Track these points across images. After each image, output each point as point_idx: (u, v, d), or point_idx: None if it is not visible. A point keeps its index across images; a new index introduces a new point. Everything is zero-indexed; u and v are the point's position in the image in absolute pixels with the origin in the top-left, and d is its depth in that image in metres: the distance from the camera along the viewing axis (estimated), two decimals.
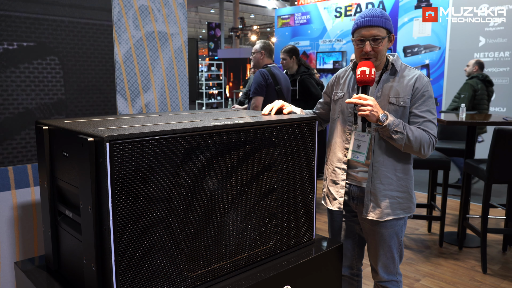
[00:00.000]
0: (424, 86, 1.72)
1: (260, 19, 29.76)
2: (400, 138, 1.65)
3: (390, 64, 1.77)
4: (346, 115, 1.83)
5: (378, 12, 1.70)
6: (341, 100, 1.86)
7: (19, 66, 1.65)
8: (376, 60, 1.73)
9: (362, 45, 1.71)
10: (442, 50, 6.97)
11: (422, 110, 1.72)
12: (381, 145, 1.74)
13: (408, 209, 1.81)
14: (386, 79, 1.76)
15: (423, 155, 1.71)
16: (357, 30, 1.73)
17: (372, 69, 1.65)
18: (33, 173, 1.70)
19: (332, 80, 1.95)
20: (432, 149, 1.72)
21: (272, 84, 3.55)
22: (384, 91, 1.75)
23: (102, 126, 1.14)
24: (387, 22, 1.70)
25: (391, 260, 1.85)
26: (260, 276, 1.32)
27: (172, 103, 2.19)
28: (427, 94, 1.72)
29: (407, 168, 1.80)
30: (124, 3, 1.94)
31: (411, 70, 1.79)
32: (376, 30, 1.68)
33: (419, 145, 1.67)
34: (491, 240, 3.60)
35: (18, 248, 1.69)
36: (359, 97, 1.64)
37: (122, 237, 1.01)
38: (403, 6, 7.47)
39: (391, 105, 1.73)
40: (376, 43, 1.69)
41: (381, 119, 1.62)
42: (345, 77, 1.89)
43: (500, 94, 6.47)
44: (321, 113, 2.02)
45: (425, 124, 1.71)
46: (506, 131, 2.84)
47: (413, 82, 1.73)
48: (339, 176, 1.85)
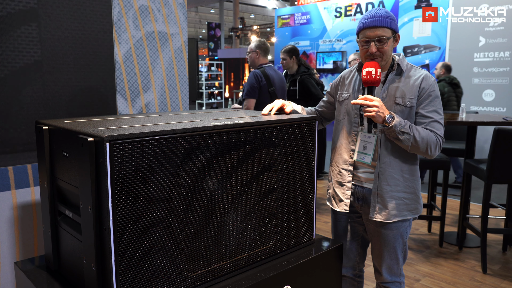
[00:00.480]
0: (431, 86, 1.71)
1: (260, 19, 29.75)
2: (407, 139, 1.64)
3: (396, 64, 1.76)
4: (351, 117, 1.81)
5: (382, 12, 1.68)
6: (346, 101, 1.84)
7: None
8: (382, 61, 1.71)
9: (367, 46, 1.69)
10: (442, 50, 6.97)
11: (429, 110, 1.70)
12: (388, 146, 1.73)
13: (415, 210, 1.79)
14: (392, 80, 1.75)
15: (430, 155, 1.69)
16: (361, 31, 1.71)
17: (378, 69, 1.63)
18: (33, 173, 1.70)
19: (336, 81, 1.94)
20: (439, 149, 1.70)
21: (266, 86, 3.49)
22: (390, 91, 1.73)
23: (102, 126, 1.14)
24: (392, 22, 1.68)
25: (395, 261, 1.84)
26: (260, 276, 1.32)
27: (172, 103, 2.19)
28: (433, 94, 1.71)
29: (413, 169, 1.78)
30: (124, 3, 1.94)
31: (417, 70, 1.77)
32: (381, 30, 1.67)
33: (426, 146, 1.65)
34: (491, 240, 3.60)
35: (18, 248, 1.69)
36: (365, 98, 1.63)
37: (122, 237, 1.01)
38: (403, 6, 7.47)
39: (397, 105, 1.71)
40: (381, 43, 1.68)
41: (387, 120, 1.61)
42: (350, 78, 1.88)
43: (500, 94, 6.47)
44: (323, 112, 2.02)
45: (432, 125, 1.69)
46: (506, 131, 2.84)
47: (419, 82, 1.71)
48: (345, 178, 1.84)
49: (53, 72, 1.74)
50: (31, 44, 1.67)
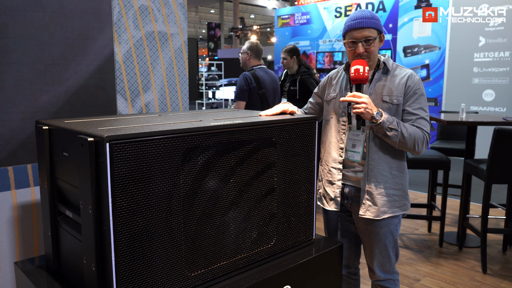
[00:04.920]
0: (416, 84, 1.75)
1: (260, 19, 29.76)
2: (395, 135, 1.67)
3: (382, 63, 1.80)
4: (339, 115, 1.84)
5: (367, 13, 1.73)
6: (334, 100, 1.87)
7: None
8: (369, 61, 1.75)
9: (355, 47, 1.73)
10: (442, 50, 6.97)
11: (415, 107, 1.74)
12: (376, 143, 1.76)
13: (403, 207, 1.82)
14: (378, 78, 1.79)
15: (417, 152, 1.73)
16: (348, 32, 1.75)
17: (366, 67, 1.67)
18: (33, 173, 1.70)
19: (324, 81, 1.97)
20: (426, 145, 1.74)
21: (256, 88, 3.47)
22: (377, 89, 1.77)
23: (102, 126, 1.14)
24: (377, 23, 1.73)
25: (387, 258, 1.86)
26: (260, 276, 1.32)
27: (172, 103, 2.19)
28: (419, 92, 1.75)
29: (401, 165, 1.81)
30: (124, 3, 1.94)
31: (402, 69, 1.81)
32: (368, 31, 1.71)
33: (413, 142, 1.69)
34: (491, 240, 3.60)
35: (18, 248, 1.69)
36: (354, 95, 1.66)
37: (122, 237, 1.01)
38: (403, 6, 7.47)
39: (385, 103, 1.75)
40: (368, 43, 1.72)
41: (375, 116, 1.64)
42: (337, 77, 1.91)
43: (500, 94, 6.47)
44: (310, 113, 2.04)
45: (418, 121, 1.73)
46: (506, 131, 2.84)
47: (405, 80, 1.75)
48: (335, 176, 1.86)
49: (53, 72, 1.74)
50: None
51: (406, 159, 1.86)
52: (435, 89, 7.09)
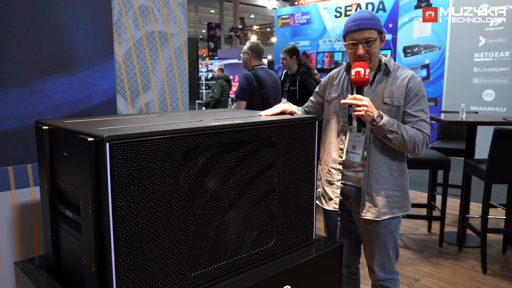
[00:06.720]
0: (417, 86, 1.74)
1: (260, 19, 29.76)
2: (395, 138, 1.67)
3: (383, 64, 1.79)
4: (340, 116, 1.84)
5: (367, 14, 1.71)
6: (335, 101, 1.87)
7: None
8: (370, 62, 1.74)
9: (355, 49, 1.72)
10: (442, 50, 6.97)
11: (416, 109, 1.74)
12: (377, 145, 1.76)
13: (404, 208, 1.82)
14: (379, 80, 1.78)
15: (417, 153, 1.73)
16: (348, 34, 1.74)
17: (367, 69, 1.66)
18: (33, 173, 1.70)
19: (325, 81, 1.96)
20: (426, 147, 1.74)
21: (257, 88, 3.47)
22: (378, 91, 1.77)
23: (102, 126, 1.14)
24: (377, 24, 1.72)
25: (387, 258, 1.86)
26: (260, 276, 1.32)
27: (172, 103, 2.19)
28: (420, 94, 1.74)
29: (402, 167, 1.81)
30: (124, 3, 1.94)
31: (404, 70, 1.80)
32: (368, 32, 1.69)
33: (414, 144, 1.69)
34: (491, 240, 3.60)
35: (18, 248, 1.69)
36: (354, 97, 1.65)
37: (122, 237, 1.01)
38: (403, 6, 7.47)
39: (385, 105, 1.74)
40: (369, 45, 1.71)
41: (376, 119, 1.64)
42: (338, 78, 1.90)
43: (500, 94, 6.47)
44: (310, 112, 2.04)
45: (419, 123, 1.73)
46: (506, 131, 2.84)
47: (406, 82, 1.74)
48: (334, 177, 1.86)
49: (53, 72, 1.74)
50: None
51: (406, 159, 1.86)
52: (435, 89, 7.09)
